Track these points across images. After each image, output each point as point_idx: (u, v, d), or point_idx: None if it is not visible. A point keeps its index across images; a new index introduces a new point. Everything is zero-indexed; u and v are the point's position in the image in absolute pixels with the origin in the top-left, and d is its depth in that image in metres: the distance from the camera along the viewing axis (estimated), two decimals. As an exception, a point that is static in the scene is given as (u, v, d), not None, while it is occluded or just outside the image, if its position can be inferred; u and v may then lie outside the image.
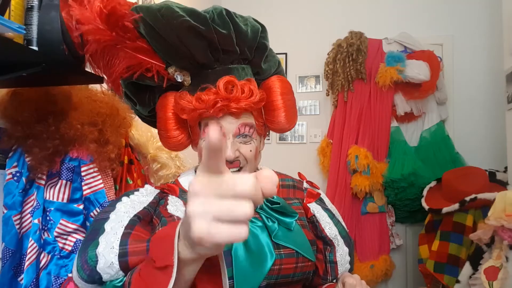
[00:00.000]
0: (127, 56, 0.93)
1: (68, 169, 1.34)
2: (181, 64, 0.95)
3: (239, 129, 0.92)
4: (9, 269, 1.24)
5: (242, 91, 0.90)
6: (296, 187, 1.08)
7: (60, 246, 1.32)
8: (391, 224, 2.85)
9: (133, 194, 0.93)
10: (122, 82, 1.01)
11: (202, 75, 0.95)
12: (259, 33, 0.97)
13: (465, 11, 2.95)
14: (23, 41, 1.00)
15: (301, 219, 1.01)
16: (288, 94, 1.00)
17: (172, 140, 0.99)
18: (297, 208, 1.02)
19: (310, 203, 1.05)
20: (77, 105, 1.37)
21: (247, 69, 0.99)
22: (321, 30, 3.14)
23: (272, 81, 1.00)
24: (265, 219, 0.94)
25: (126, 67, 0.94)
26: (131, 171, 1.56)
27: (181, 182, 1.00)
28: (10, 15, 0.96)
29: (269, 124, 1.00)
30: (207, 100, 0.88)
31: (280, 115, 0.98)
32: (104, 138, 1.39)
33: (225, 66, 0.95)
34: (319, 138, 3.11)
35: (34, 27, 1.01)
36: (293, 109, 1.02)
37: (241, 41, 0.94)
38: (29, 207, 1.30)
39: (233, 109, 0.89)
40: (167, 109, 0.98)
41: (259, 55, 1.00)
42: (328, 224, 1.02)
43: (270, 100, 0.98)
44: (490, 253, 1.68)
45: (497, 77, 2.69)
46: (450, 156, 2.76)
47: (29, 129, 1.27)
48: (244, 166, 0.94)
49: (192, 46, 0.90)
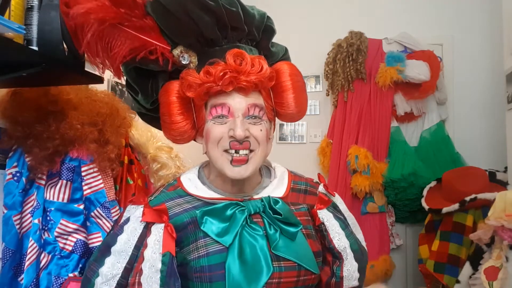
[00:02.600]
0: (129, 37, 0.89)
1: (69, 169, 1.34)
2: (188, 41, 0.92)
3: (248, 109, 0.88)
4: (9, 269, 1.24)
5: (252, 65, 0.86)
6: (308, 192, 1.02)
7: (61, 246, 1.32)
8: (391, 224, 2.84)
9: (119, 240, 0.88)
10: (123, 67, 0.97)
11: (209, 54, 0.91)
12: (265, 17, 0.98)
13: (465, 11, 2.95)
14: (23, 41, 1.00)
15: (307, 228, 0.96)
16: (297, 76, 0.96)
17: (176, 126, 0.93)
18: (304, 214, 0.97)
19: (320, 209, 0.99)
20: (77, 105, 1.37)
21: (254, 51, 0.96)
22: (321, 30, 3.13)
23: (280, 64, 0.97)
24: (267, 225, 0.90)
25: (129, 49, 0.90)
26: (132, 171, 1.56)
27: (183, 182, 0.96)
28: (10, 15, 0.96)
29: (278, 108, 0.96)
30: (216, 72, 0.85)
31: (289, 97, 0.93)
32: (104, 138, 1.39)
33: (233, 44, 0.93)
34: (319, 138, 3.11)
35: (34, 27, 1.01)
36: (303, 93, 0.97)
37: (249, 21, 0.93)
38: (29, 207, 1.30)
39: (242, 83, 0.85)
40: (171, 93, 0.93)
41: (267, 37, 0.99)
42: (338, 234, 0.97)
43: (279, 81, 0.94)
44: (490, 253, 1.67)
45: (497, 77, 2.68)
46: (450, 156, 2.76)
47: (29, 129, 1.27)
48: (256, 149, 0.89)
49: (200, 21, 0.88)
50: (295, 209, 0.96)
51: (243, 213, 0.89)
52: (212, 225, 0.88)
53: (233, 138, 0.87)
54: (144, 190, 1.60)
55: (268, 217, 0.90)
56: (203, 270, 0.85)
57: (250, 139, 0.88)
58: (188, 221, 0.89)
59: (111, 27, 0.87)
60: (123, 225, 0.90)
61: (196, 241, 0.88)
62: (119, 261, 0.86)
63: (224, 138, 0.88)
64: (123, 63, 0.94)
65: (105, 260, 0.87)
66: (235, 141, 0.87)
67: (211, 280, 0.85)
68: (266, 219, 0.90)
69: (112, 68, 0.94)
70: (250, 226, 0.89)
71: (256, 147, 0.89)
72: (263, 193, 0.95)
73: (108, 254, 0.88)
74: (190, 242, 0.88)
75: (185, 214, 0.90)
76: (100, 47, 0.90)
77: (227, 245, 0.86)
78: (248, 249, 0.86)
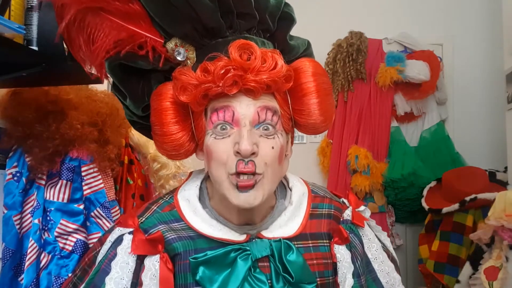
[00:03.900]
0: (114, 27, 0.72)
1: (69, 169, 1.34)
2: (183, 31, 0.74)
3: (259, 115, 0.70)
4: (9, 269, 1.24)
5: (264, 60, 0.67)
6: (331, 216, 0.82)
7: (61, 246, 1.32)
8: (391, 224, 2.84)
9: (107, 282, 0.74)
10: (107, 64, 0.77)
11: (209, 47, 0.73)
12: (283, 2, 0.79)
13: (465, 11, 2.95)
14: (23, 41, 1.00)
15: (324, 275, 0.78)
16: (322, 76, 0.77)
17: (169, 138, 0.74)
18: (323, 256, 0.80)
19: (338, 244, 0.81)
20: (77, 105, 1.37)
21: (268, 45, 0.77)
22: (321, 30, 3.13)
23: (301, 62, 0.77)
24: (274, 275, 0.74)
25: (113, 41, 0.73)
26: (132, 171, 1.56)
27: (180, 203, 0.80)
28: (10, 15, 0.96)
29: (297, 116, 0.76)
30: (215, 69, 0.66)
31: (311, 103, 0.73)
32: (104, 138, 1.39)
33: (240, 34, 0.74)
34: (319, 138, 3.11)
35: (34, 27, 1.01)
36: (329, 98, 0.77)
37: (262, 5, 0.74)
38: (29, 207, 1.30)
39: (250, 83, 0.67)
40: (165, 97, 0.74)
41: (284, 28, 0.80)
42: (346, 281, 0.80)
43: (299, 83, 0.74)
44: (490, 253, 1.67)
45: (497, 77, 2.68)
46: (450, 156, 2.76)
47: (29, 129, 1.27)
48: (262, 172, 0.69)
49: (199, 5, 0.70)
50: (314, 247, 0.79)
51: (247, 261, 0.73)
52: (208, 276, 0.72)
53: (239, 155, 0.68)
54: (145, 190, 1.60)
55: (275, 264, 0.74)
56: None
57: (256, 159, 0.69)
58: (181, 254, 0.75)
59: (93, 15, 0.72)
60: (111, 262, 0.75)
61: (185, 286, 0.74)
62: None
63: (230, 158, 0.69)
64: (106, 59, 0.76)
65: None
66: (241, 160, 0.68)
67: None
68: (274, 265, 0.74)
69: (94, 65, 0.79)
70: (254, 276, 0.73)
71: (263, 169, 0.69)
72: (272, 228, 0.78)
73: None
74: (177, 285, 0.75)
75: (179, 244, 0.75)
76: (82, 40, 0.76)
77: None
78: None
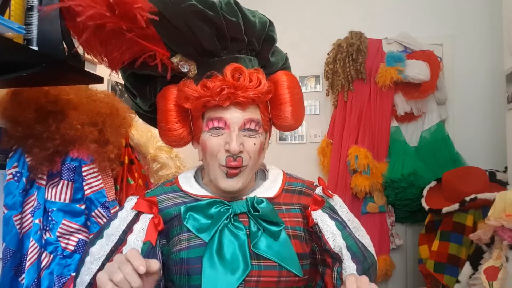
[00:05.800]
0: (128, 42, 0.89)
1: (69, 169, 1.34)
2: (186, 51, 0.92)
3: (245, 124, 0.89)
4: (9, 269, 1.24)
5: (250, 80, 0.87)
6: (303, 193, 1.01)
7: (63, 246, 1.32)
8: (391, 224, 2.84)
9: (112, 224, 0.95)
10: (122, 73, 0.99)
11: (208, 64, 0.92)
12: (267, 26, 0.97)
13: (465, 11, 2.95)
14: (23, 41, 1.00)
15: (295, 229, 0.95)
16: (295, 88, 0.97)
17: (173, 133, 0.95)
18: (295, 215, 0.96)
19: (314, 210, 0.98)
20: (77, 105, 1.37)
21: (254, 61, 0.96)
22: (321, 30, 3.13)
23: (279, 75, 0.96)
24: (251, 224, 0.91)
25: (128, 55, 0.91)
26: (132, 171, 1.57)
27: (179, 179, 1.01)
28: (10, 15, 0.96)
29: (275, 119, 0.96)
30: (213, 87, 0.85)
31: (286, 110, 0.94)
32: (104, 138, 1.39)
33: (232, 55, 0.92)
34: (319, 138, 3.11)
35: (34, 27, 1.01)
36: (300, 105, 0.98)
37: (250, 31, 0.93)
38: (29, 207, 1.30)
39: (240, 98, 0.86)
40: (169, 100, 0.94)
41: (267, 47, 0.98)
42: (333, 235, 0.95)
43: (277, 93, 0.94)
44: (490, 253, 1.67)
45: (497, 77, 2.68)
46: (450, 156, 2.76)
47: (29, 129, 1.27)
48: (247, 164, 0.90)
49: (199, 32, 0.88)
50: (286, 209, 0.96)
51: (227, 212, 0.91)
52: (195, 221, 0.91)
53: (229, 152, 0.88)
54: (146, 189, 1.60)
55: (252, 216, 0.91)
56: (182, 263, 0.88)
57: (243, 155, 0.89)
58: (175, 215, 0.93)
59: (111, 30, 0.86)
60: (118, 212, 0.97)
61: (179, 234, 0.91)
62: (108, 243, 0.92)
63: (221, 152, 0.90)
64: (121, 68, 0.96)
65: (96, 241, 0.93)
66: (230, 156, 0.88)
67: (189, 273, 0.88)
68: (251, 218, 0.91)
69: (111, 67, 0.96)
70: (234, 224, 0.91)
71: (248, 161, 0.90)
72: (252, 195, 0.96)
73: (100, 236, 0.93)
74: (174, 235, 0.92)
75: (174, 208, 0.94)
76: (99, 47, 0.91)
77: (207, 241, 0.88)
78: (227, 245, 0.88)
